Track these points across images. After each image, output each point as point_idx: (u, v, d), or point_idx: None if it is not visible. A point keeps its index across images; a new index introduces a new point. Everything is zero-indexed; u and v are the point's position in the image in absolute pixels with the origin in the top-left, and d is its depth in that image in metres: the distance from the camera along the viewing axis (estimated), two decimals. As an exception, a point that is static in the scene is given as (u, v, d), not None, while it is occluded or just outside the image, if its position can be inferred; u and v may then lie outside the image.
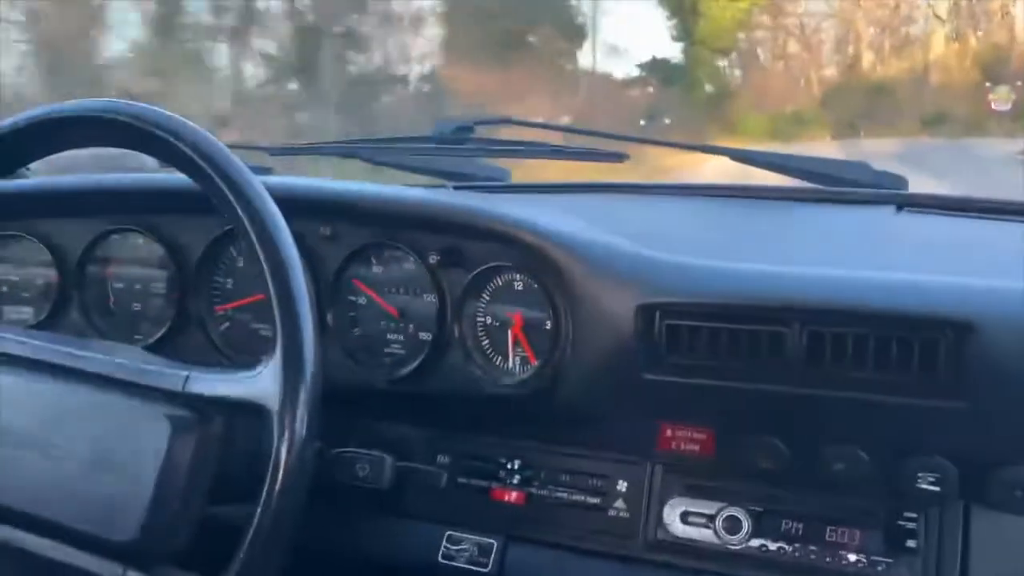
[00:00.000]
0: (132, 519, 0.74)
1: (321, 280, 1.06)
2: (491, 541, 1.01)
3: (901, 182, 1.21)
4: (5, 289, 1.20)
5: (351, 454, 0.96)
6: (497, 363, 1.01)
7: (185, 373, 0.79)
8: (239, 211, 0.77)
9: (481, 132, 1.30)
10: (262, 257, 0.76)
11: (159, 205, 1.12)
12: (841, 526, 0.89)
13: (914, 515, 0.87)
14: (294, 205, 1.05)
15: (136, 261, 1.17)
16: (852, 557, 0.88)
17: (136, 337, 1.14)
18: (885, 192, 1.16)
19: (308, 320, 0.74)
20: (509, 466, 1.02)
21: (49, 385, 0.81)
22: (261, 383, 0.74)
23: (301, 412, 0.72)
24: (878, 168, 1.21)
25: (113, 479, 0.76)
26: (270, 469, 0.71)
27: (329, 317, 1.06)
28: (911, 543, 0.87)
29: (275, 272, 0.75)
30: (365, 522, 1.05)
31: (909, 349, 0.81)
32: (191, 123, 0.79)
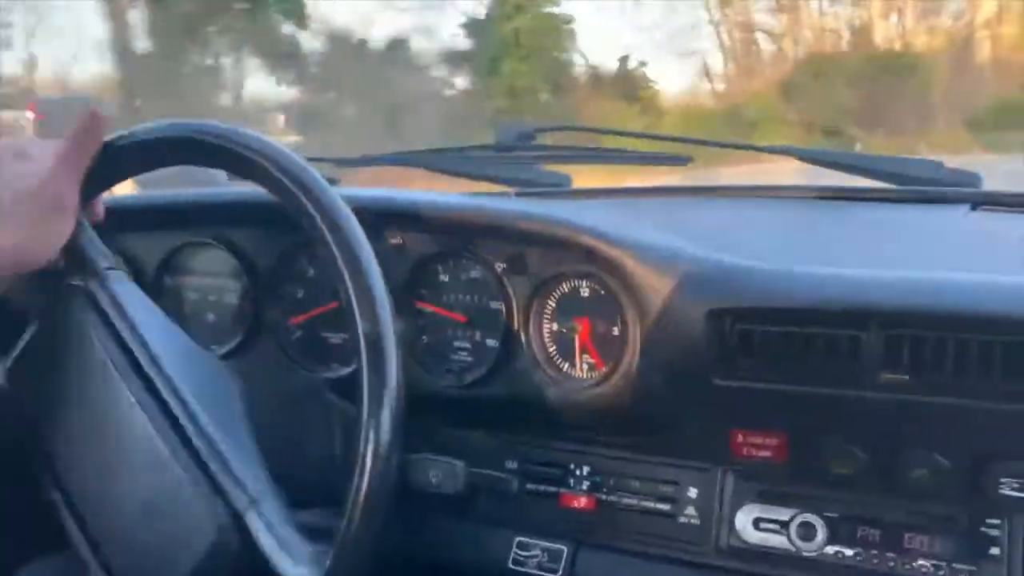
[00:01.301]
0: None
1: (389, 289, 1.07)
2: (561, 547, 1.01)
3: (975, 179, 1.18)
4: None
5: (424, 459, 0.97)
6: (564, 370, 1.01)
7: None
8: (319, 223, 0.78)
9: (542, 138, 1.31)
10: (342, 264, 0.77)
11: (232, 218, 1.15)
12: (920, 533, 0.87)
13: (997, 521, 0.85)
14: (363, 215, 1.07)
15: (210, 273, 1.20)
16: (932, 565, 0.86)
17: (212, 347, 1.17)
18: (959, 191, 1.14)
19: (390, 326, 0.75)
20: (578, 472, 1.02)
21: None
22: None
23: (386, 419, 0.73)
24: (952, 165, 1.19)
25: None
26: (355, 478, 0.72)
27: (399, 325, 1.07)
28: (994, 551, 0.84)
29: (355, 279, 0.76)
30: (436, 527, 1.06)
31: (990, 352, 0.79)
32: (270, 139, 0.81)
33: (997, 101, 16.39)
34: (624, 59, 18.69)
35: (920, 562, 0.86)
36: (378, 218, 1.06)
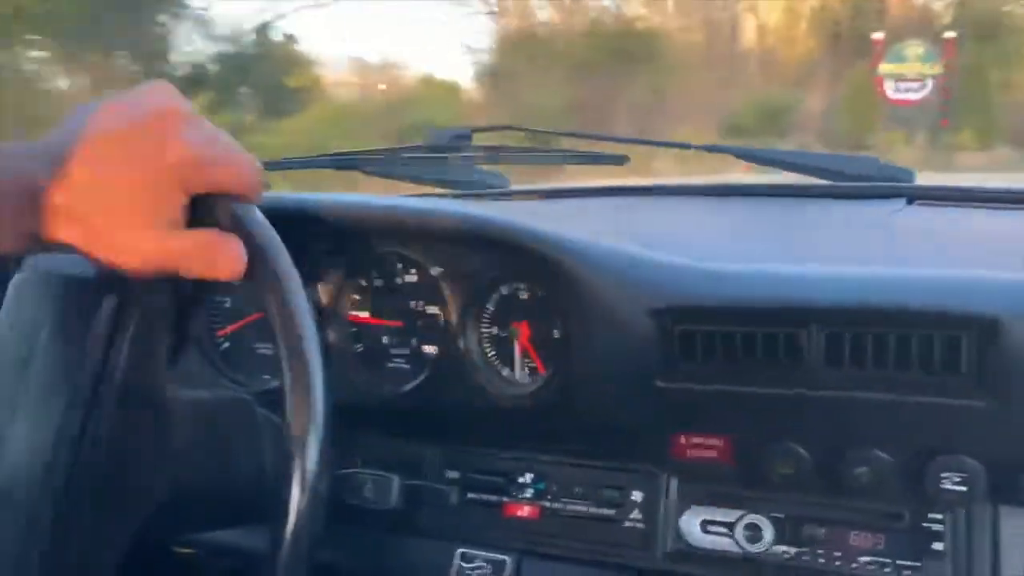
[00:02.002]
0: None
1: (321, 297, 1.04)
2: (504, 558, 0.98)
3: (909, 175, 1.19)
4: None
5: (356, 475, 0.93)
6: (505, 375, 0.99)
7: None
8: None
9: (478, 140, 1.28)
10: (262, 279, 0.73)
11: None
12: (865, 530, 0.86)
13: (940, 517, 0.85)
14: (292, 220, 1.03)
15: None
16: (877, 561, 0.86)
17: None
18: (895, 185, 1.14)
19: (313, 337, 0.71)
20: (521, 480, 1.00)
21: None
22: None
23: (313, 437, 0.69)
24: (884, 162, 1.19)
25: None
26: (284, 499, 0.68)
27: (330, 334, 1.04)
28: (938, 545, 0.84)
29: (274, 289, 0.72)
30: (375, 542, 1.03)
31: (930, 347, 0.78)
32: None
33: (757, 101, 14.82)
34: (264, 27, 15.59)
35: (866, 559, 0.86)
36: (308, 223, 1.02)
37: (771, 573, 0.88)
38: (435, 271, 0.98)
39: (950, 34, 13.97)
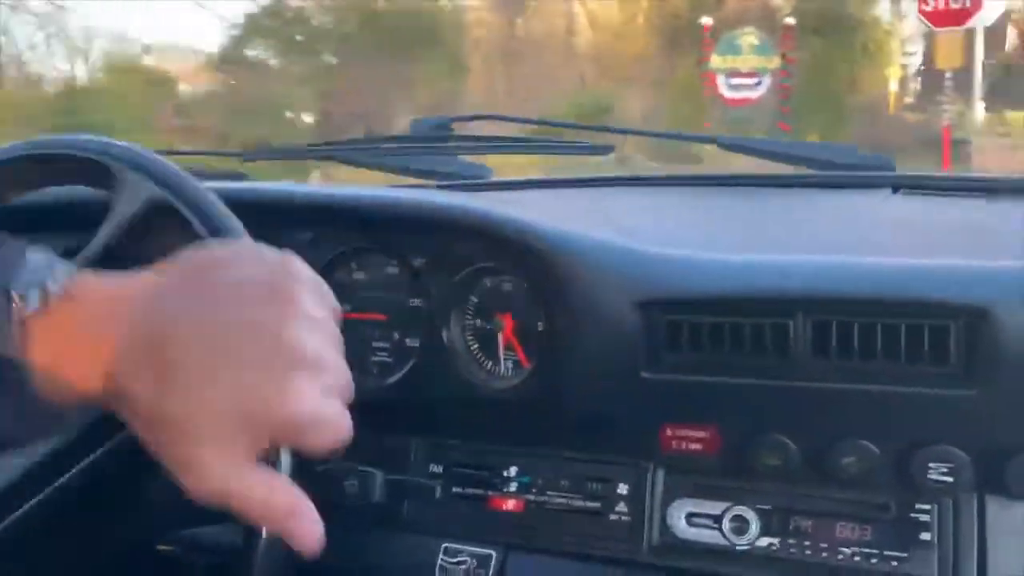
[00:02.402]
0: None
1: None
2: (489, 552, 0.97)
3: (890, 163, 1.18)
4: None
5: (338, 470, 0.92)
6: (489, 368, 0.97)
7: None
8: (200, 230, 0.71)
9: (460, 129, 1.26)
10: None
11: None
12: (852, 521, 0.86)
13: (927, 507, 0.84)
14: (270, 211, 1.02)
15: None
16: (865, 552, 0.85)
17: None
18: (880, 174, 1.14)
19: None
20: (506, 473, 0.98)
21: None
22: None
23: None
24: (866, 151, 1.19)
25: None
26: None
27: (312, 326, 1.02)
28: (925, 536, 0.84)
29: None
30: (359, 537, 1.02)
31: (919, 337, 0.78)
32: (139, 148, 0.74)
33: (575, 101, 12.36)
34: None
35: (853, 550, 0.85)
36: (287, 213, 1.00)
37: (758, 565, 0.88)
38: (417, 262, 0.97)
39: (789, 20, 11.73)
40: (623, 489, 0.94)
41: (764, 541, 0.88)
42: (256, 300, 0.51)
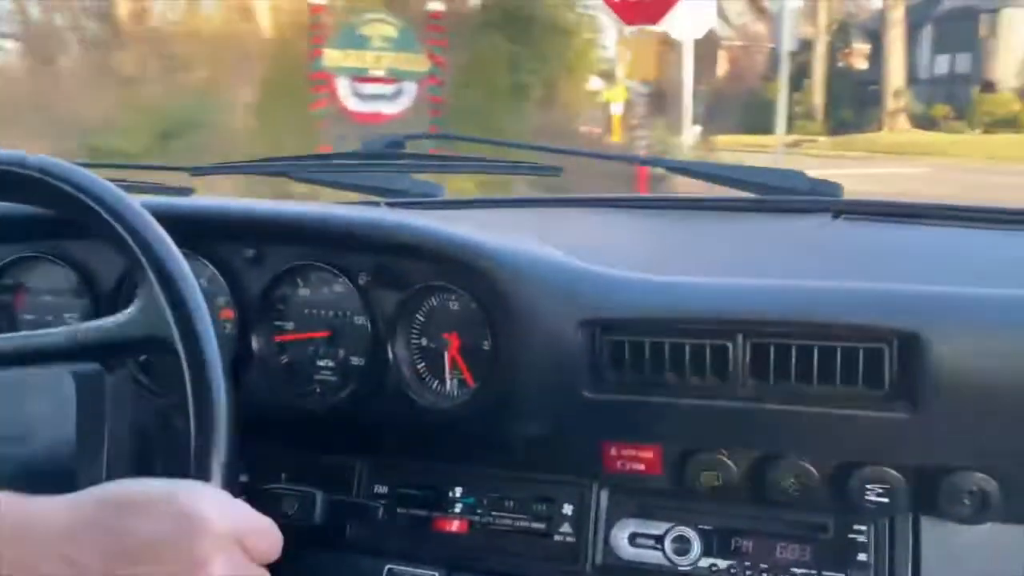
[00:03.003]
0: (64, 483, 0.69)
1: (245, 305, 1.01)
2: (433, 573, 0.96)
3: (836, 189, 1.20)
4: None
5: (278, 491, 0.91)
6: (434, 387, 0.97)
7: (77, 327, 0.75)
8: (127, 240, 0.71)
9: (412, 148, 1.26)
10: (156, 283, 0.70)
11: (69, 231, 1.05)
12: (791, 542, 0.87)
13: (863, 528, 0.86)
14: (214, 226, 1.01)
15: (49, 290, 1.10)
16: (803, 572, 0.86)
17: None
18: (821, 199, 1.16)
19: (211, 342, 0.69)
20: (451, 494, 0.98)
21: None
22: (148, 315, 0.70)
23: (215, 451, 0.67)
24: (812, 176, 1.21)
25: (35, 448, 0.72)
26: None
27: (254, 343, 1.01)
28: (862, 556, 0.85)
29: (170, 298, 0.70)
30: (302, 558, 1.00)
31: (854, 360, 0.79)
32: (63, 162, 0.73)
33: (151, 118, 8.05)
34: None
35: (793, 571, 0.86)
36: (231, 229, 0.99)
37: None
38: (363, 280, 0.96)
39: (436, 5, 7.59)
40: (567, 509, 0.94)
41: (706, 562, 0.89)
42: (165, 561, 0.54)
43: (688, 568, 0.89)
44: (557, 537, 0.94)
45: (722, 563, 0.88)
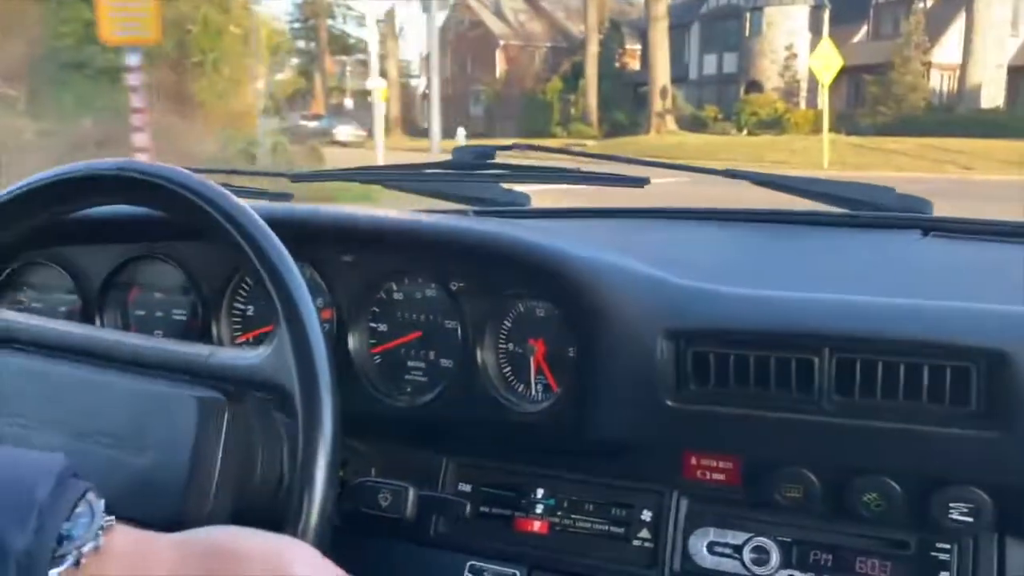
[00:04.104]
0: (169, 499, 0.73)
1: (342, 307, 1.06)
2: (513, 571, 0.99)
3: (926, 206, 1.19)
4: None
5: (373, 483, 0.95)
6: (519, 391, 1.00)
7: (208, 351, 0.79)
8: (245, 248, 0.76)
9: (501, 158, 1.30)
10: (270, 288, 0.75)
11: (178, 233, 1.12)
12: (872, 557, 0.87)
13: (946, 546, 0.85)
14: (315, 232, 1.06)
15: (158, 287, 1.17)
16: (883, 589, 0.86)
17: None
18: (911, 216, 1.15)
19: (320, 344, 0.73)
20: (532, 495, 1.01)
21: (69, 368, 0.81)
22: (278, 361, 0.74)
23: (322, 444, 0.71)
24: (902, 192, 1.20)
25: (147, 460, 0.75)
26: (295, 502, 0.70)
27: (350, 342, 1.06)
28: (944, 575, 0.85)
29: (282, 300, 0.74)
30: (387, 550, 1.04)
31: (940, 378, 0.79)
32: (183, 170, 0.79)
33: None
34: None
35: (872, 586, 0.86)
36: (334, 235, 1.04)
37: None
38: (454, 286, 1.00)
39: None
40: (646, 515, 0.96)
41: (784, 573, 0.89)
42: None
43: None
44: (635, 542, 0.96)
45: (801, 575, 0.89)
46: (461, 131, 21.64)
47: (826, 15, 29.33)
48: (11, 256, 1.17)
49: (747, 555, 0.91)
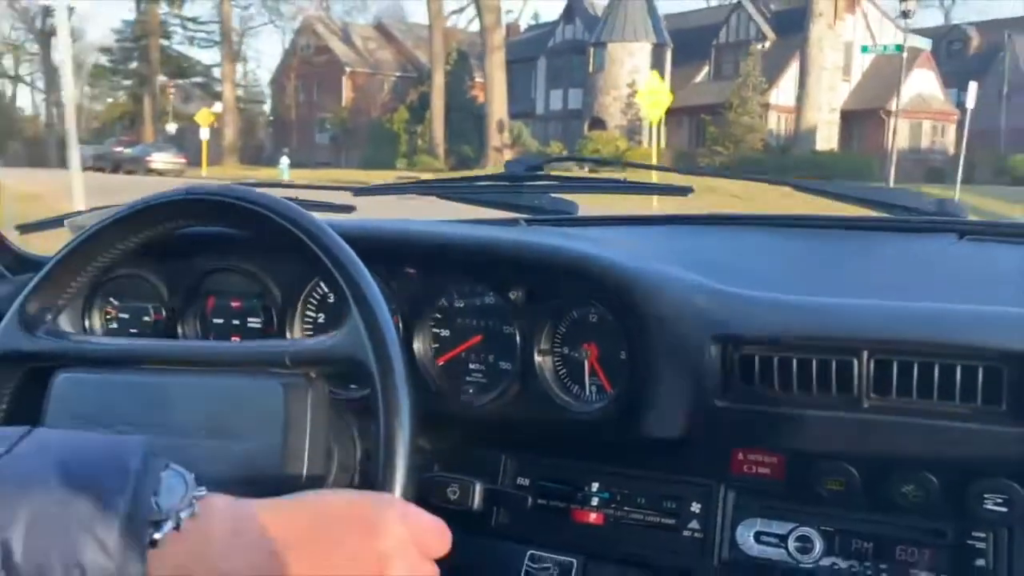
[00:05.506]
0: (268, 476, 0.79)
1: (406, 314, 1.13)
2: (571, 560, 1.06)
3: (959, 209, 1.24)
4: (115, 326, 1.30)
5: (441, 478, 1.02)
6: (574, 392, 1.07)
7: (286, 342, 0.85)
8: (321, 258, 0.82)
9: (549, 170, 1.37)
10: (348, 294, 0.82)
11: (255, 245, 1.20)
12: (911, 545, 0.92)
13: (983, 535, 0.90)
14: (380, 246, 1.14)
15: (235, 297, 1.25)
16: (923, 574, 0.91)
17: None
18: (947, 220, 1.20)
19: (397, 353, 0.79)
20: (588, 489, 1.07)
21: (156, 377, 0.87)
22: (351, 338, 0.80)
23: (402, 439, 0.77)
24: (935, 197, 1.25)
25: (245, 446, 0.81)
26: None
27: (415, 347, 1.13)
28: (980, 562, 0.89)
29: (361, 310, 0.80)
30: (456, 542, 1.11)
31: (973, 378, 0.85)
32: (255, 191, 0.86)
33: None
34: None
35: (911, 572, 0.92)
36: (397, 248, 1.12)
37: None
38: (513, 294, 1.07)
39: None
40: (696, 507, 1.02)
41: (827, 561, 0.95)
42: (348, 562, 0.62)
43: (811, 566, 0.95)
44: (686, 532, 1.02)
45: (843, 563, 0.94)
46: (285, 159, 21.47)
47: (668, 54, 29.14)
48: (116, 267, 1.25)
49: (792, 544, 0.96)
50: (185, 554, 0.58)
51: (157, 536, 0.57)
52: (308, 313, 1.20)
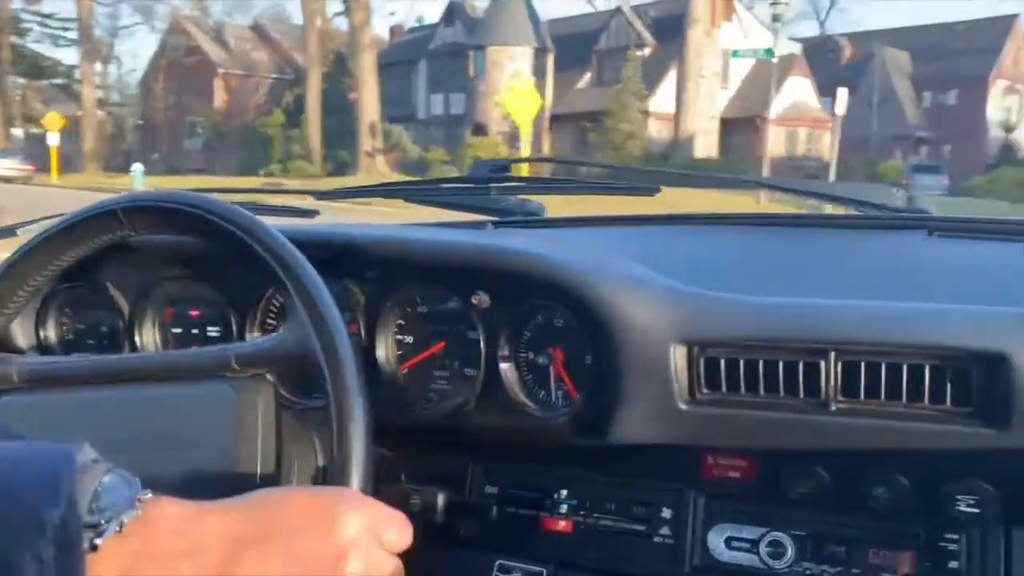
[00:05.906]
0: (221, 478, 0.78)
1: (368, 320, 1.11)
2: (540, 569, 1.04)
3: (927, 207, 1.23)
4: (71, 337, 1.26)
5: (405, 489, 1.00)
6: (541, 398, 1.04)
7: (232, 347, 0.84)
8: (259, 252, 0.80)
9: (516, 171, 1.35)
10: (299, 304, 0.80)
11: (209, 254, 1.17)
12: (884, 548, 0.91)
13: (955, 537, 0.89)
14: (343, 250, 1.11)
15: (192, 306, 1.22)
16: (896, 578, 0.90)
17: None
18: (916, 216, 1.19)
19: (352, 361, 0.77)
20: (556, 496, 1.05)
21: (104, 393, 0.86)
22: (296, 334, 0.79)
23: (357, 448, 0.75)
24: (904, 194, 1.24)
25: (198, 451, 0.80)
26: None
27: (377, 355, 1.11)
28: (953, 564, 0.88)
29: (314, 319, 0.79)
30: (417, 551, 1.09)
31: (942, 378, 0.83)
32: (218, 199, 0.84)
33: None
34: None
35: (885, 575, 0.90)
36: (358, 253, 1.09)
37: None
38: (475, 299, 1.05)
39: None
40: (666, 513, 1.00)
41: (799, 566, 0.93)
42: (307, 555, 0.61)
43: (783, 571, 0.94)
44: (657, 538, 1.00)
45: (816, 567, 0.93)
46: (138, 166, 21.41)
47: (550, 59, 28.95)
48: (72, 276, 1.22)
49: (763, 549, 0.95)
50: (130, 555, 0.56)
51: (99, 541, 0.55)
52: (268, 320, 1.17)
